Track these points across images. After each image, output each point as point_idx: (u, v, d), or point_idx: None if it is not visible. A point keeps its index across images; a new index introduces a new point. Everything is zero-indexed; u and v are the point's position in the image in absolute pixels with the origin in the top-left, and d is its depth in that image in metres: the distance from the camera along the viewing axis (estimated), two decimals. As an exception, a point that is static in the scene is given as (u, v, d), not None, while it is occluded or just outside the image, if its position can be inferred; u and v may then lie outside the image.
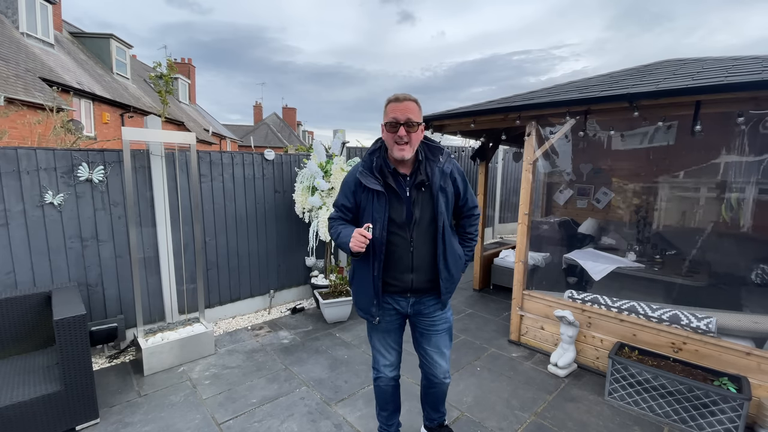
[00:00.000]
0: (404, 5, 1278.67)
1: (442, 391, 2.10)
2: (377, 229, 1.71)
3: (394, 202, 1.74)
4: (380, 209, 1.72)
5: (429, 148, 1.81)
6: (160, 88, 4.65)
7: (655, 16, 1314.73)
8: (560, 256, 4.38)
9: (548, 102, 3.17)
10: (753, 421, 2.40)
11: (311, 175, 3.97)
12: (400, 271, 1.78)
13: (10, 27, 9.79)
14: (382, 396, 2.09)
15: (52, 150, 2.93)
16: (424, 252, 1.77)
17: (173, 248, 3.54)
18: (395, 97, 1.68)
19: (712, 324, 2.62)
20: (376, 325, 1.92)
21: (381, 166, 1.75)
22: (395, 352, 2.01)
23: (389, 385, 2.04)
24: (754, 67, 2.82)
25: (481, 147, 4.77)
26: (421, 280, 1.81)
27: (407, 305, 1.88)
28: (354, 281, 1.90)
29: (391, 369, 2.01)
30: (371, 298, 1.81)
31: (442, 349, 1.97)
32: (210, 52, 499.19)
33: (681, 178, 4.37)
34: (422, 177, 1.74)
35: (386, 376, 2.01)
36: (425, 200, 1.75)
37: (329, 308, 3.95)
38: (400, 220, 1.74)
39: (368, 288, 1.80)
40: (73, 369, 2.25)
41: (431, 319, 1.91)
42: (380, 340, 1.99)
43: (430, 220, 1.76)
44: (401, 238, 1.75)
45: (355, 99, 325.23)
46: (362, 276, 1.82)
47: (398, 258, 1.77)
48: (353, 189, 1.82)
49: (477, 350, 3.43)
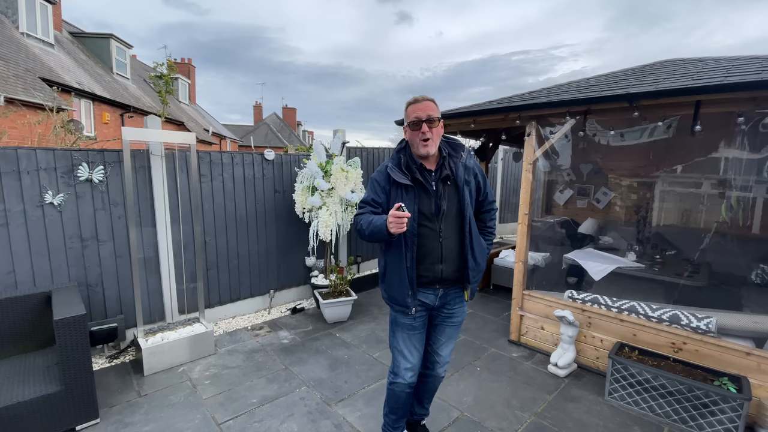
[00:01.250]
0: (402, 5, 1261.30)
1: (435, 386, 2.12)
2: (408, 221, 1.72)
3: (422, 195, 1.82)
4: (410, 203, 1.79)
5: (450, 145, 1.90)
6: (160, 89, 4.64)
7: (654, 17, 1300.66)
8: (560, 256, 4.38)
9: (548, 102, 3.17)
10: (753, 421, 2.40)
11: (311, 175, 3.97)
12: (430, 262, 1.84)
13: (10, 27, 9.79)
14: (394, 400, 2.07)
15: (52, 150, 2.93)
16: (453, 243, 1.84)
17: (173, 248, 3.54)
18: (414, 99, 1.80)
19: (712, 324, 2.62)
20: (406, 321, 1.93)
21: (408, 163, 1.83)
22: (417, 353, 1.99)
23: (404, 391, 2.02)
24: (753, 67, 2.82)
25: (481, 147, 4.77)
26: (450, 270, 1.86)
27: (435, 299, 1.91)
28: (386, 277, 1.92)
29: (412, 374, 1.99)
30: (406, 289, 1.84)
31: (451, 340, 2.03)
32: (209, 52, 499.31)
33: (681, 178, 4.37)
34: (447, 171, 1.82)
35: (404, 381, 1.98)
36: (451, 193, 1.83)
37: (329, 308, 3.95)
38: (429, 213, 1.81)
39: (403, 280, 1.84)
40: (73, 369, 2.25)
41: (451, 310, 1.97)
42: (405, 341, 1.97)
43: (457, 212, 1.83)
44: (431, 230, 1.81)
45: (355, 99, 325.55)
46: (395, 270, 1.86)
47: (429, 249, 1.82)
48: (383, 185, 1.88)
49: (477, 350, 3.43)
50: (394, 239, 1.73)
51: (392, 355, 2.04)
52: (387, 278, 1.92)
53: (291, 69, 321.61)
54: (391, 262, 1.88)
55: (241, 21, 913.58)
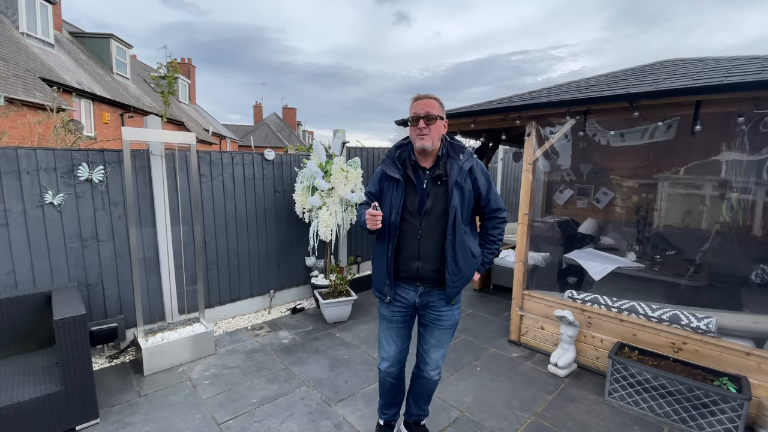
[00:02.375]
0: (400, 6, 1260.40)
1: (428, 388, 2.13)
2: (393, 214, 1.86)
3: (410, 191, 1.88)
4: (397, 196, 1.87)
5: (452, 147, 1.92)
6: (162, 89, 4.63)
7: (653, 17, 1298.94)
8: (560, 256, 4.38)
9: (548, 102, 3.17)
10: (753, 421, 2.40)
11: (311, 175, 3.97)
12: (408, 257, 1.90)
13: (10, 27, 9.79)
14: (380, 385, 2.19)
15: (52, 150, 2.93)
16: (432, 242, 1.86)
17: (173, 248, 3.54)
18: (417, 96, 1.86)
19: (712, 324, 2.62)
20: (386, 312, 2.03)
21: (404, 159, 1.90)
22: (394, 346, 2.06)
23: (385, 379, 2.12)
24: (754, 67, 2.82)
25: (481, 147, 4.77)
26: (427, 269, 1.88)
27: (415, 295, 1.95)
28: (373, 263, 2.06)
29: (388, 364, 2.07)
30: (384, 278, 1.95)
31: (440, 344, 2.03)
32: (209, 53, 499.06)
33: (681, 178, 4.37)
34: (440, 171, 1.85)
35: (382, 369, 2.10)
36: (440, 193, 1.85)
37: (329, 308, 3.95)
38: (413, 209, 1.86)
39: (382, 269, 1.95)
40: (73, 369, 2.25)
41: (437, 313, 1.97)
42: (383, 331, 2.08)
43: (442, 212, 1.84)
44: (411, 226, 1.87)
45: (355, 99, 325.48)
46: (379, 258, 1.98)
47: (407, 245, 1.89)
48: (380, 177, 1.99)
49: (477, 350, 3.43)
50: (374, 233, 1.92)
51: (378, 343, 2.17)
52: (373, 265, 2.05)
53: (291, 69, 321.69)
54: (377, 251, 2.00)
55: (241, 21, 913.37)
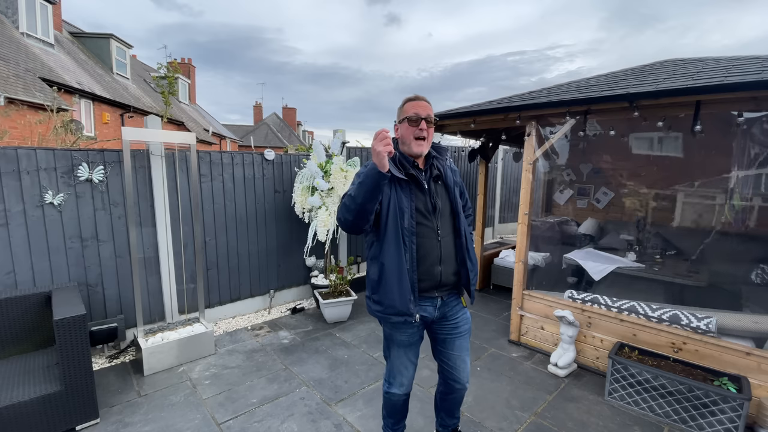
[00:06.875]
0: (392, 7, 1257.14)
1: (461, 396, 2.05)
2: (405, 219, 1.69)
3: (416, 192, 1.77)
4: (406, 198, 1.72)
5: (436, 148, 1.89)
6: (163, 89, 4.63)
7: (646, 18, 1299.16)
8: (560, 256, 4.38)
9: (548, 102, 3.17)
10: (753, 421, 2.40)
11: (311, 175, 3.97)
12: (430, 263, 1.74)
13: (10, 27, 9.79)
14: (391, 407, 2.05)
15: (52, 150, 2.93)
16: (449, 242, 1.80)
17: (173, 248, 3.54)
18: (415, 96, 1.80)
19: (712, 324, 2.62)
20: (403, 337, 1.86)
21: (401, 159, 1.77)
22: (413, 367, 1.95)
23: (400, 400, 2.01)
24: (753, 67, 2.82)
25: (481, 147, 4.77)
26: (449, 272, 1.79)
27: (434, 310, 1.82)
28: (383, 283, 1.73)
29: (406, 387, 1.96)
30: (408, 294, 1.69)
31: (466, 351, 1.94)
32: (208, 53, 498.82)
33: (681, 178, 4.37)
34: (437, 171, 1.82)
35: (399, 392, 1.96)
36: (442, 192, 1.83)
37: (329, 308, 3.95)
38: (426, 210, 1.76)
39: (404, 283, 1.69)
40: (73, 369, 2.25)
41: (454, 321, 1.88)
42: (400, 357, 1.91)
43: (450, 211, 1.82)
44: (429, 228, 1.74)
45: (354, 99, 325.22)
46: (394, 273, 1.70)
47: (428, 249, 1.74)
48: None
49: (477, 350, 3.43)
50: (386, 178, 1.54)
51: (387, 367, 2.00)
52: (384, 284, 1.73)
53: (289, 69, 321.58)
54: (389, 266, 1.70)
55: (239, 21, 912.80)
